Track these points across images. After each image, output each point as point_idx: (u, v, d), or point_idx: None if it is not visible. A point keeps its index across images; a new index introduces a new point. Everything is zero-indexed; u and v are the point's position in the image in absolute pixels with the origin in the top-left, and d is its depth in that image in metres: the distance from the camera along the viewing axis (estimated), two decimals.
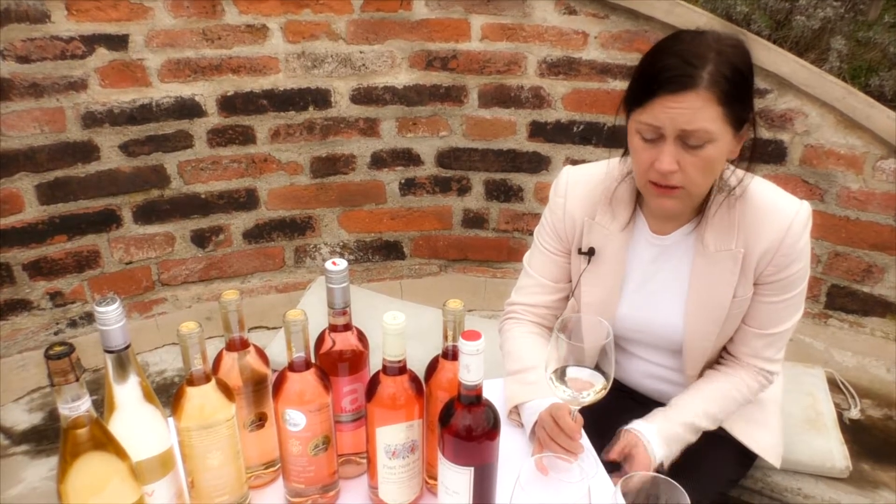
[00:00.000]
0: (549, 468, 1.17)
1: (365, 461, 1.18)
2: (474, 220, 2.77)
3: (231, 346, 1.09)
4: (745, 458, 1.57)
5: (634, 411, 1.40)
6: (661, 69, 1.14)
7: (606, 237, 1.37)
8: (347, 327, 1.10)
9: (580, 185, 1.40)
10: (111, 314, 0.92)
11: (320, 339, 1.12)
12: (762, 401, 1.54)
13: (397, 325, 0.98)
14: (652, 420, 1.36)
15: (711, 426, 1.39)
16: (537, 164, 2.63)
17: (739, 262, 1.28)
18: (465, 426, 0.95)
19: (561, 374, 1.11)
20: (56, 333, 2.44)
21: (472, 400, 0.95)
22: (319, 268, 2.77)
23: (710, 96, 1.12)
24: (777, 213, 1.27)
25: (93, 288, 2.47)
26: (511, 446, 1.28)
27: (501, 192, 2.71)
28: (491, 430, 0.97)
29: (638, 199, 1.36)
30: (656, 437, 1.30)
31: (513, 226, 2.76)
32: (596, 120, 2.49)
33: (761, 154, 1.28)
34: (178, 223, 2.53)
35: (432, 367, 1.09)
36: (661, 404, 1.47)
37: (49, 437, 2.17)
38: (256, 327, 2.69)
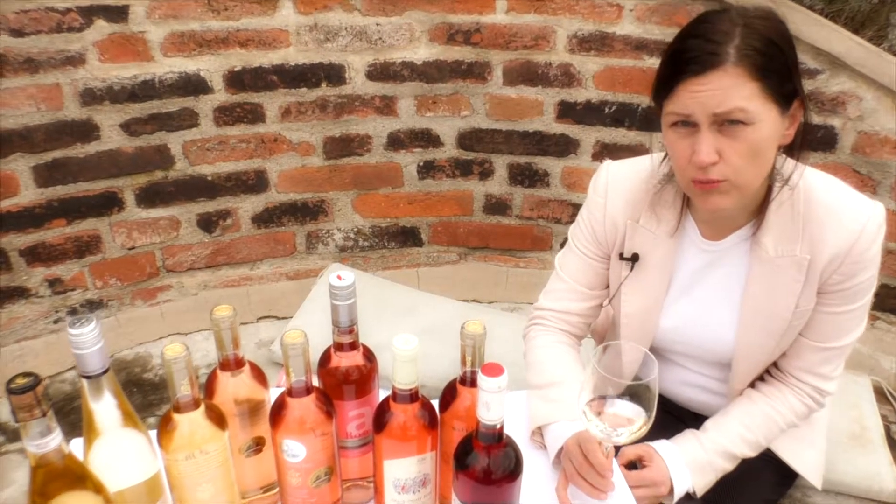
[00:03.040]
0: None
1: (372, 485, 1.11)
2: (497, 206, 2.68)
3: (225, 366, 1.00)
4: (786, 477, 1.49)
5: (667, 427, 1.31)
6: (683, 51, 1.07)
7: (652, 242, 1.28)
8: (354, 346, 1.01)
9: (623, 184, 1.30)
10: (87, 336, 0.84)
11: (325, 357, 1.03)
12: (811, 417, 1.44)
13: (409, 351, 0.89)
14: (681, 443, 1.28)
15: (751, 453, 1.31)
16: (565, 147, 2.53)
17: (805, 269, 1.18)
18: (483, 469, 0.87)
19: (596, 406, 1.02)
20: (56, 322, 2.40)
21: (492, 440, 0.86)
22: (332, 254, 2.71)
23: (741, 71, 1.02)
24: (848, 214, 1.16)
25: (94, 274, 2.42)
26: (533, 472, 1.20)
27: (526, 176, 2.61)
28: (512, 471, 0.88)
29: (686, 202, 1.26)
30: (681, 465, 1.24)
31: (538, 213, 2.67)
32: (630, 100, 2.37)
33: (810, 141, 1.15)
34: (183, 206, 2.47)
35: (448, 393, 1.00)
36: (700, 417, 1.40)
37: None
38: (265, 317, 2.65)
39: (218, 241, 2.57)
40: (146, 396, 2.30)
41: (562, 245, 1.49)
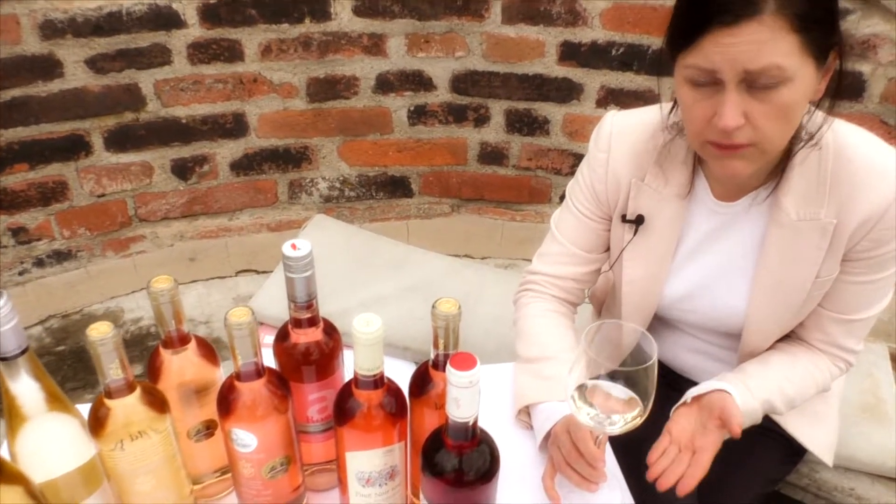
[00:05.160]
0: (562, 497, 1.02)
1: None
2: (492, 154, 2.58)
3: (168, 343, 0.91)
4: (793, 454, 1.43)
5: (669, 399, 1.23)
6: None
7: (658, 203, 1.18)
8: (313, 322, 0.91)
9: (628, 138, 1.19)
10: None
11: (282, 335, 0.93)
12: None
13: (371, 334, 0.79)
14: (729, 381, 1.14)
15: (783, 410, 1.21)
16: (567, 92, 2.40)
17: (829, 234, 1.08)
18: (454, 469, 0.78)
19: (587, 390, 0.93)
20: (21, 273, 2.31)
21: (464, 437, 0.77)
22: (316, 204, 2.61)
23: (781, 23, 0.90)
24: (882, 174, 1.04)
25: (61, 223, 2.33)
26: (516, 456, 1.12)
27: (525, 123, 2.50)
28: (486, 472, 0.79)
29: (697, 158, 1.15)
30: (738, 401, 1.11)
31: (536, 163, 2.57)
32: (639, 41, 2.23)
33: (842, 93, 1.03)
34: (155, 151, 2.36)
35: (419, 378, 0.90)
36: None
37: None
38: (245, 271, 2.58)
39: (194, 189, 2.47)
40: None
41: (561, 199, 1.39)
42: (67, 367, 2.20)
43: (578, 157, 2.48)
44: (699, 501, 1.32)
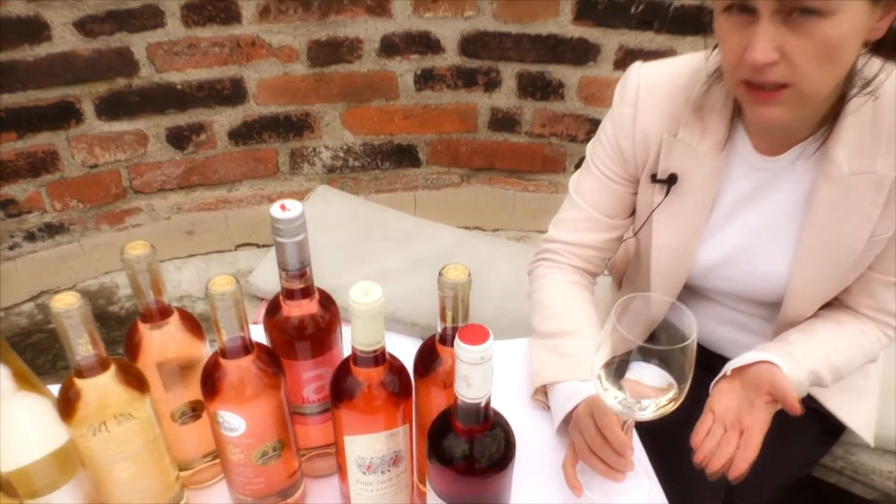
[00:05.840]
0: (584, 486, 0.95)
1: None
2: (504, 121, 2.52)
3: (147, 317, 0.83)
4: (828, 435, 1.38)
5: (697, 379, 1.16)
6: None
7: (693, 159, 1.10)
8: (307, 293, 0.84)
9: (658, 90, 1.11)
10: None
11: (273, 308, 0.86)
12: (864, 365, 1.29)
13: (370, 305, 0.71)
14: (773, 351, 1.07)
15: (830, 382, 1.14)
16: (583, 53, 2.33)
17: (886, 189, 0.99)
18: (463, 456, 0.70)
19: (615, 371, 0.85)
20: (11, 248, 2.26)
21: (475, 420, 0.69)
22: (319, 175, 2.57)
23: None
24: None
25: (52, 195, 2.29)
26: (532, 441, 1.05)
27: (538, 87, 2.43)
28: (500, 459, 0.71)
29: (737, 108, 1.06)
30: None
31: (550, 129, 2.51)
32: None
33: None
34: (150, 119, 2.32)
35: (426, 354, 0.83)
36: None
37: None
38: (245, 244, 2.54)
39: (191, 159, 2.43)
40: (110, 332, 2.20)
41: (577, 166, 1.31)
42: (59, 346, 2.14)
43: (595, 123, 2.43)
44: (728, 488, 1.25)
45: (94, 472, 0.82)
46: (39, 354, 2.13)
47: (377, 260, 2.04)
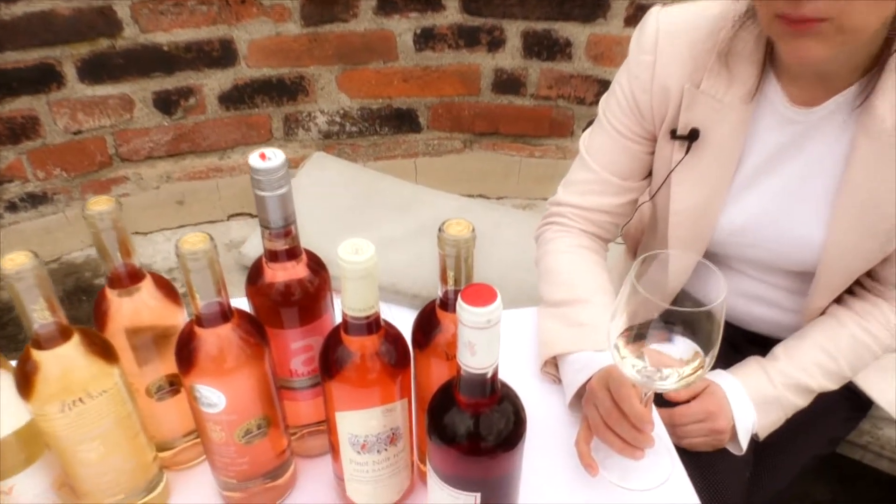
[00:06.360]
0: (600, 465, 0.89)
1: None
2: (508, 83, 2.46)
3: (114, 281, 0.76)
4: (858, 411, 1.33)
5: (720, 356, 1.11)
6: None
7: (718, 112, 1.03)
8: (293, 254, 0.76)
9: (679, 37, 1.04)
10: None
11: (255, 272, 0.79)
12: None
13: (361, 264, 0.64)
14: (742, 374, 1.09)
15: (832, 386, 1.12)
16: (592, 9, 2.27)
17: None
18: (467, 434, 0.63)
19: (633, 338, 0.78)
20: None
21: (480, 392, 0.62)
22: (315, 141, 2.50)
23: None
24: None
25: (34, 163, 2.23)
26: (542, 417, 0.99)
27: (544, 46, 2.36)
28: (510, 436, 0.64)
29: (769, 53, 0.98)
30: (743, 399, 1.06)
31: (557, 91, 2.44)
32: None
33: None
34: (135, 83, 2.25)
35: (425, 321, 0.76)
36: (760, 341, 1.20)
37: None
38: (238, 214, 2.49)
39: (180, 125, 2.37)
40: None
41: (587, 127, 1.24)
42: None
43: (605, 85, 2.37)
44: (756, 465, 1.20)
45: (60, 454, 0.75)
46: (22, 329, 2.07)
47: (376, 229, 2.02)
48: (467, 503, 0.67)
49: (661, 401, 1.02)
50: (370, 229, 2.00)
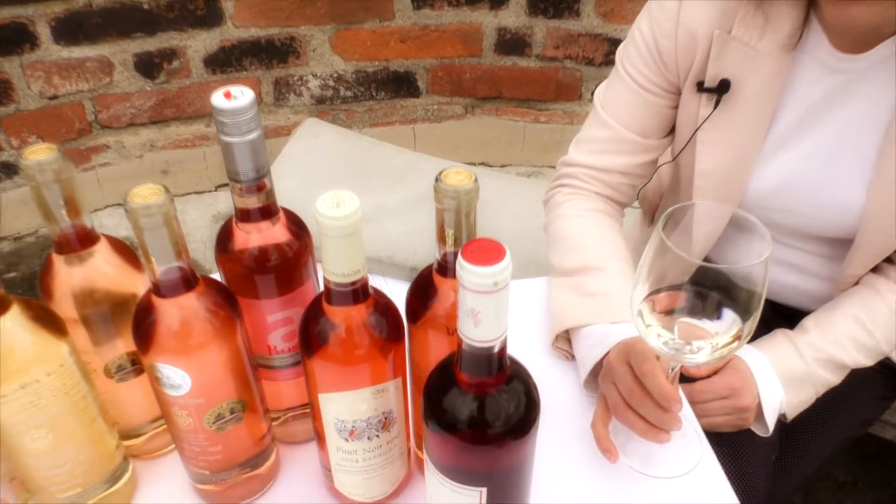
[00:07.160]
0: (620, 450, 0.81)
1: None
2: (512, 43, 2.39)
3: (62, 246, 0.67)
4: (892, 389, 1.26)
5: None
6: None
7: (751, 61, 0.95)
8: (269, 212, 0.68)
9: None
10: None
11: (225, 234, 0.70)
12: None
13: (343, 219, 0.55)
14: (769, 348, 1.02)
15: (868, 362, 1.05)
16: None
17: None
18: (470, 418, 0.55)
19: (659, 306, 0.70)
20: None
21: (485, 370, 0.54)
22: (307, 106, 2.43)
23: None
24: None
25: (7, 130, 2.16)
26: (554, 397, 0.91)
27: (550, 3, 2.29)
28: (521, 421, 0.56)
29: None
30: (770, 376, 0.99)
31: (564, 52, 2.37)
32: None
33: None
34: (115, 44, 2.18)
35: (420, 289, 0.67)
36: (790, 314, 1.14)
37: None
38: (226, 184, 2.34)
39: (163, 90, 2.29)
40: None
41: (594, 94, 1.17)
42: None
43: (615, 44, 2.29)
44: (782, 448, 1.14)
45: (3, 444, 0.67)
46: None
47: (372, 198, 1.95)
48: (471, 499, 0.58)
49: (679, 376, 0.95)
50: (366, 199, 1.90)
